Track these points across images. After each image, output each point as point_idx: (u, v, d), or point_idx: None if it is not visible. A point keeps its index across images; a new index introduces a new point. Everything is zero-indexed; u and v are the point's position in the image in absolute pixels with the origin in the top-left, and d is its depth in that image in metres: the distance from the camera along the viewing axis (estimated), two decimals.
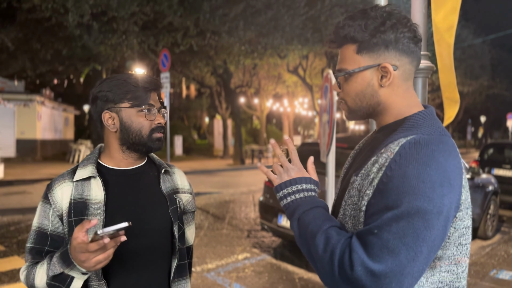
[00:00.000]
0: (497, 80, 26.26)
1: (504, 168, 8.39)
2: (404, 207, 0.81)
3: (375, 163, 0.90)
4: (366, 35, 0.95)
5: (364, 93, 0.99)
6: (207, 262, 4.77)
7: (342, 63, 1.00)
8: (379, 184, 0.86)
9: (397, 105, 0.99)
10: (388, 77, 0.96)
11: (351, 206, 0.94)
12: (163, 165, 1.36)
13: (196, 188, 10.60)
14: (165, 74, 10.11)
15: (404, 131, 0.92)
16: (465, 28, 20.46)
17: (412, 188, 0.81)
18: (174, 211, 1.29)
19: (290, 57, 15.50)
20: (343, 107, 1.05)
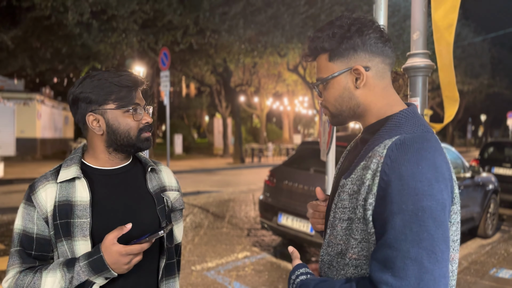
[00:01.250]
0: (497, 78, 26.26)
1: (504, 167, 8.39)
2: (411, 210, 0.83)
3: (367, 169, 0.91)
4: (334, 43, 1.00)
5: (342, 97, 1.02)
6: (207, 261, 4.77)
7: (319, 72, 1.06)
8: (379, 191, 0.87)
9: (377, 105, 1.01)
10: (362, 78, 0.99)
11: (341, 210, 0.96)
12: (149, 163, 1.32)
13: (196, 187, 10.60)
14: (164, 73, 10.10)
15: (387, 132, 0.94)
16: (466, 26, 20.44)
17: (412, 190, 0.83)
18: (162, 210, 1.27)
19: (290, 55, 15.48)
20: (326, 113, 1.10)
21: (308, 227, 4.50)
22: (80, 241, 1.13)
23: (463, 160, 6.40)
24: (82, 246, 1.13)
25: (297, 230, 4.60)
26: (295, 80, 21.89)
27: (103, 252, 1.07)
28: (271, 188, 5.22)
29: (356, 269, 0.94)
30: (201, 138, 36.49)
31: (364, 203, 0.90)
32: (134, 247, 1.07)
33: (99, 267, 1.07)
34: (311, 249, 5.33)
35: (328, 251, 1.02)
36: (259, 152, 20.16)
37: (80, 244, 1.13)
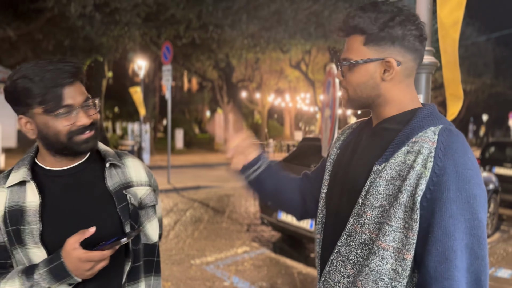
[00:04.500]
0: (500, 78, 26.17)
1: (505, 167, 8.38)
2: (465, 198, 0.85)
3: (412, 154, 0.90)
4: (375, 28, 0.96)
5: (366, 84, 1.00)
6: (206, 255, 4.79)
7: (348, 52, 1.02)
8: (432, 176, 0.86)
9: (399, 99, 1.01)
10: (391, 72, 0.98)
11: (375, 196, 0.93)
12: (108, 158, 1.18)
13: (196, 181, 10.62)
14: (167, 67, 10.09)
15: (426, 120, 0.95)
16: (469, 25, 20.35)
17: (466, 178, 0.86)
18: (124, 209, 1.14)
19: (293, 51, 15.44)
20: (343, 95, 1.07)
21: (308, 222, 4.50)
22: (33, 249, 1.05)
23: None
24: (36, 253, 1.05)
25: (297, 226, 4.61)
26: (297, 77, 21.85)
27: (63, 257, 0.99)
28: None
29: (382, 260, 0.89)
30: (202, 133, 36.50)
31: (413, 189, 0.87)
32: (94, 254, 0.99)
33: (60, 274, 1.00)
34: (310, 245, 5.34)
35: (348, 241, 0.98)
36: (260, 148, 20.14)
37: (34, 251, 1.05)
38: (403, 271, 0.88)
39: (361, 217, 0.95)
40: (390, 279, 0.89)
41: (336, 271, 1.01)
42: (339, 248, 1.00)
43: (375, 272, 0.90)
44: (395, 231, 0.88)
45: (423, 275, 0.87)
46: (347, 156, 1.11)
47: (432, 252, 0.85)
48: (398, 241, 0.88)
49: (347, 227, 0.98)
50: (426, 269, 0.86)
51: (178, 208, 7.47)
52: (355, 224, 0.96)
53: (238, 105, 18.93)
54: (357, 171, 1.02)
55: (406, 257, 0.87)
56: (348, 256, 0.98)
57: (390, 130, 1.00)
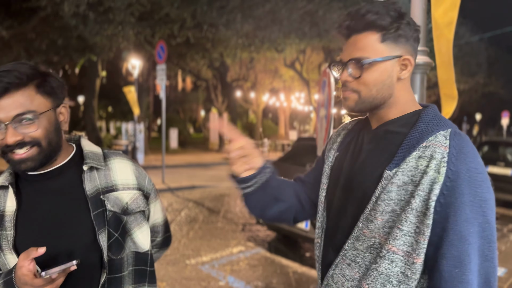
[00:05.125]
0: (493, 78, 26.37)
1: (498, 166, 8.45)
2: (477, 202, 0.87)
3: (425, 159, 0.89)
4: (393, 25, 0.95)
5: (383, 83, 0.97)
6: (201, 255, 4.78)
7: (362, 51, 0.96)
8: (446, 181, 0.86)
9: (404, 99, 1.00)
10: (408, 70, 0.98)
11: (386, 202, 0.91)
12: (87, 160, 1.09)
13: (191, 181, 10.59)
14: (161, 66, 10.05)
15: (432, 124, 0.94)
16: (463, 25, 20.48)
17: (478, 182, 0.87)
18: (99, 216, 1.05)
19: (287, 51, 15.46)
20: (352, 97, 1.00)
21: (303, 222, 4.51)
22: (8, 255, 1.01)
23: None
24: (11, 259, 1.01)
25: None
26: (292, 76, 21.87)
27: (15, 272, 0.92)
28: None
29: (391, 264, 0.89)
30: (197, 133, 36.41)
31: (426, 194, 0.87)
32: (36, 281, 0.90)
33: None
34: (306, 244, 5.35)
35: (355, 245, 0.97)
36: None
37: (9, 257, 1.01)
38: (413, 275, 0.88)
39: (371, 222, 0.94)
40: (399, 282, 0.89)
41: (341, 274, 1.00)
42: (345, 251, 0.99)
43: (384, 275, 0.90)
44: (406, 235, 0.88)
45: (436, 279, 0.88)
46: (349, 160, 1.08)
47: (447, 257, 0.86)
48: (408, 245, 0.88)
49: (355, 232, 0.98)
50: (440, 273, 0.87)
51: (172, 208, 7.44)
52: (364, 229, 0.96)
53: (233, 105, 18.90)
54: (365, 176, 0.99)
55: (416, 261, 0.87)
56: (355, 260, 0.97)
57: (395, 134, 0.99)
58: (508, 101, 34.57)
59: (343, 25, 0.99)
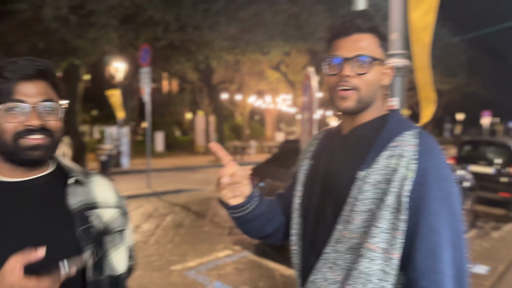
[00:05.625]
0: (473, 78, 26.93)
1: (479, 165, 8.62)
2: (445, 196, 0.92)
3: (395, 157, 0.94)
4: (384, 33, 1.04)
5: (375, 85, 1.02)
6: (187, 260, 4.73)
7: (366, 50, 0.99)
8: (417, 177, 0.91)
9: (379, 104, 1.06)
10: (391, 77, 1.06)
11: (363, 202, 0.95)
12: (72, 173, 1.04)
13: (177, 185, 10.50)
14: (145, 69, 9.97)
15: (399, 125, 1.00)
16: (444, 27, 20.85)
17: (444, 177, 0.93)
18: (85, 233, 0.99)
19: (273, 53, 15.48)
20: (353, 96, 1.01)
21: None
22: None
23: None
24: None
25: None
26: (278, 78, 21.93)
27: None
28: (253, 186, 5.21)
29: (371, 262, 0.91)
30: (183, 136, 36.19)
31: (398, 190, 0.91)
32: (29, 284, 0.83)
33: None
34: None
35: (336, 248, 0.98)
36: (242, 149, 20.13)
37: None
38: (391, 270, 0.91)
39: (349, 223, 0.96)
40: (379, 280, 0.91)
41: (323, 279, 1.00)
42: (326, 255, 1.00)
43: (365, 275, 0.91)
44: (383, 232, 0.91)
45: (412, 271, 0.91)
46: (322, 166, 1.11)
47: (420, 249, 0.90)
48: (385, 241, 0.91)
49: (335, 234, 0.99)
50: (415, 265, 0.90)
51: (158, 212, 7.37)
52: (343, 230, 0.97)
53: (219, 107, 18.84)
54: (341, 179, 1.02)
55: (394, 257, 0.90)
56: (336, 262, 0.98)
57: (364, 137, 1.03)
58: (488, 101, 35.35)
59: (352, 21, 1.00)
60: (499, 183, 8.21)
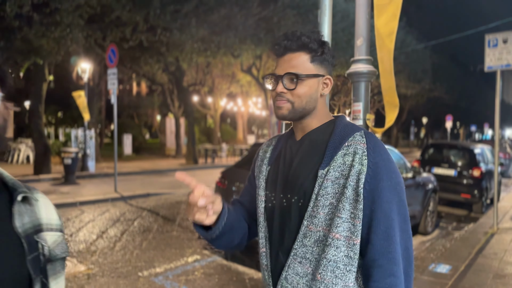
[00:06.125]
0: (437, 84, 27.99)
1: (442, 167, 8.94)
2: (393, 185, 1.06)
3: (349, 155, 1.06)
4: (320, 50, 1.13)
5: (311, 96, 1.13)
6: (155, 266, 4.63)
7: (296, 68, 1.12)
8: (369, 171, 1.04)
9: (323, 112, 1.19)
10: (329, 88, 1.17)
11: (325, 197, 1.06)
12: (19, 189, 0.88)
13: (145, 189, 10.29)
14: (112, 70, 9.73)
15: (347, 128, 1.12)
16: (409, 34, 21.58)
17: (391, 169, 1.07)
18: (35, 261, 0.85)
19: (244, 56, 15.49)
20: (286, 106, 1.13)
21: None
22: None
23: (405, 161, 6.73)
24: None
25: None
26: (249, 81, 21.96)
27: None
28: (222, 190, 5.17)
29: (336, 250, 1.03)
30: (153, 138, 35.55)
31: (355, 183, 1.03)
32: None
33: None
34: None
35: (304, 243, 1.08)
36: (213, 152, 19.99)
37: None
38: (355, 255, 1.03)
39: (314, 217, 1.06)
40: (345, 265, 1.03)
41: (294, 274, 1.09)
42: (295, 251, 1.09)
43: (332, 262, 1.03)
44: (345, 222, 1.03)
45: (371, 252, 1.03)
46: (282, 169, 1.20)
47: (377, 232, 1.03)
48: (347, 230, 1.03)
49: (301, 230, 1.08)
50: (373, 247, 1.03)
51: (125, 217, 7.18)
52: (309, 225, 1.07)
53: (190, 109, 18.64)
54: (302, 178, 1.12)
55: (356, 242, 1.03)
56: (305, 256, 1.07)
57: (318, 141, 1.15)
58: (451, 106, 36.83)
59: (281, 44, 1.14)
60: (461, 185, 8.55)
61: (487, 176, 8.60)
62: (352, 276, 1.04)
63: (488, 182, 8.70)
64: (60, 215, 0.98)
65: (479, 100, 47.35)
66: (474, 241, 5.78)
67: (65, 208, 7.85)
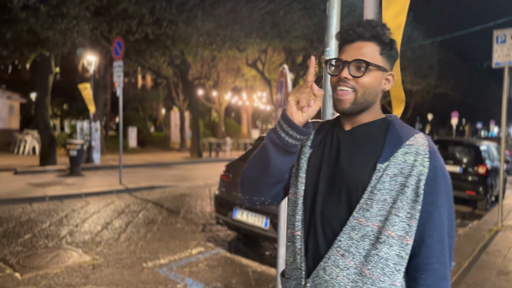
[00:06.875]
0: (443, 80, 27.77)
1: (447, 164, 8.90)
2: (447, 191, 1.08)
3: (411, 154, 1.06)
4: (390, 45, 1.13)
5: (374, 89, 1.12)
6: (159, 258, 4.67)
7: (365, 56, 1.09)
8: (429, 173, 1.04)
9: (377, 108, 1.17)
10: (390, 84, 1.16)
11: (381, 192, 1.04)
12: None
13: (150, 181, 10.34)
14: (118, 63, 9.74)
15: (404, 127, 1.12)
16: (416, 29, 21.38)
17: (446, 175, 1.09)
18: None
19: (249, 50, 15.45)
20: (349, 98, 1.10)
21: (262, 221, 4.52)
22: None
23: None
24: None
25: (252, 225, 4.61)
26: (254, 75, 21.92)
27: None
28: (227, 183, 5.19)
29: (390, 248, 1.02)
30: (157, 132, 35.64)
31: (416, 184, 1.03)
32: None
33: None
34: (265, 243, 5.37)
35: (351, 236, 1.05)
36: (217, 146, 20.02)
37: None
38: (406, 256, 1.03)
39: (366, 211, 1.04)
40: (395, 264, 1.03)
41: (334, 266, 1.06)
42: (339, 243, 1.06)
43: (384, 260, 1.02)
44: (401, 220, 1.02)
45: (425, 254, 1.05)
46: (327, 157, 1.16)
47: (433, 235, 1.04)
48: (402, 229, 1.03)
49: (350, 222, 1.06)
50: (429, 249, 1.05)
51: (130, 209, 7.23)
52: (360, 218, 1.05)
53: (194, 103, 18.64)
54: (356, 170, 1.09)
55: (409, 242, 1.03)
56: (349, 249, 1.05)
57: (372, 134, 1.13)
58: (457, 102, 36.57)
59: (355, 30, 1.11)
60: (465, 182, 8.51)
61: (492, 174, 8.55)
62: (400, 275, 1.04)
63: (493, 180, 8.66)
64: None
65: (485, 97, 46.95)
66: (478, 238, 5.77)
67: (70, 199, 7.92)
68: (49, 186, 8.76)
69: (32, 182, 9.23)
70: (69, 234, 5.47)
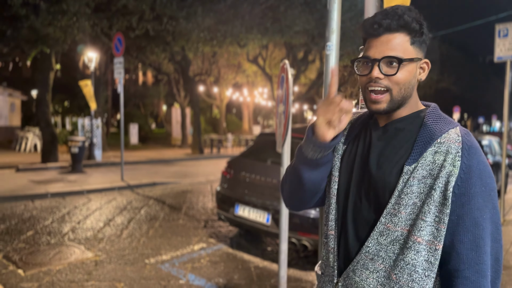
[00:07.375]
0: (445, 74, 27.69)
1: None
2: (487, 191, 0.97)
3: (441, 154, 0.97)
4: (420, 30, 1.01)
5: (410, 83, 1.02)
6: (161, 254, 4.68)
7: (396, 50, 0.99)
8: (461, 173, 0.95)
9: (415, 99, 1.07)
10: (425, 72, 1.06)
11: (409, 196, 0.97)
12: None
13: (151, 178, 10.36)
14: (118, 59, 9.72)
15: (440, 122, 1.02)
16: None
17: (486, 174, 0.97)
18: None
19: (250, 46, 15.41)
20: (385, 99, 1.01)
21: (264, 217, 4.52)
22: None
23: None
24: None
25: (254, 221, 4.61)
26: (255, 71, 21.88)
27: None
28: (228, 179, 5.18)
29: (417, 254, 0.96)
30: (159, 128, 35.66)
31: (444, 186, 0.95)
32: None
33: None
34: (267, 239, 5.38)
35: (379, 241, 1.00)
36: (218, 142, 20.02)
37: None
38: (435, 261, 0.96)
39: (394, 216, 0.99)
40: (424, 270, 0.96)
41: (364, 268, 1.03)
42: (367, 248, 1.02)
43: (411, 266, 0.96)
44: (429, 225, 0.96)
45: (455, 261, 0.96)
46: (360, 155, 1.10)
47: (463, 241, 0.95)
48: (430, 234, 0.96)
49: (378, 227, 1.01)
50: (458, 256, 0.96)
51: (132, 206, 7.25)
52: (387, 223, 1.00)
53: (195, 99, 18.63)
54: (384, 171, 1.03)
55: (438, 248, 0.95)
56: (379, 254, 1.01)
57: (405, 131, 1.05)
58: (459, 97, 36.49)
59: (381, 23, 0.99)
60: None
61: (494, 168, 8.53)
62: (430, 281, 0.97)
63: (495, 174, 8.64)
64: None
65: (487, 92, 46.81)
66: None
67: (72, 196, 7.94)
68: (51, 183, 8.78)
69: (34, 179, 9.25)
70: (71, 230, 5.49)
